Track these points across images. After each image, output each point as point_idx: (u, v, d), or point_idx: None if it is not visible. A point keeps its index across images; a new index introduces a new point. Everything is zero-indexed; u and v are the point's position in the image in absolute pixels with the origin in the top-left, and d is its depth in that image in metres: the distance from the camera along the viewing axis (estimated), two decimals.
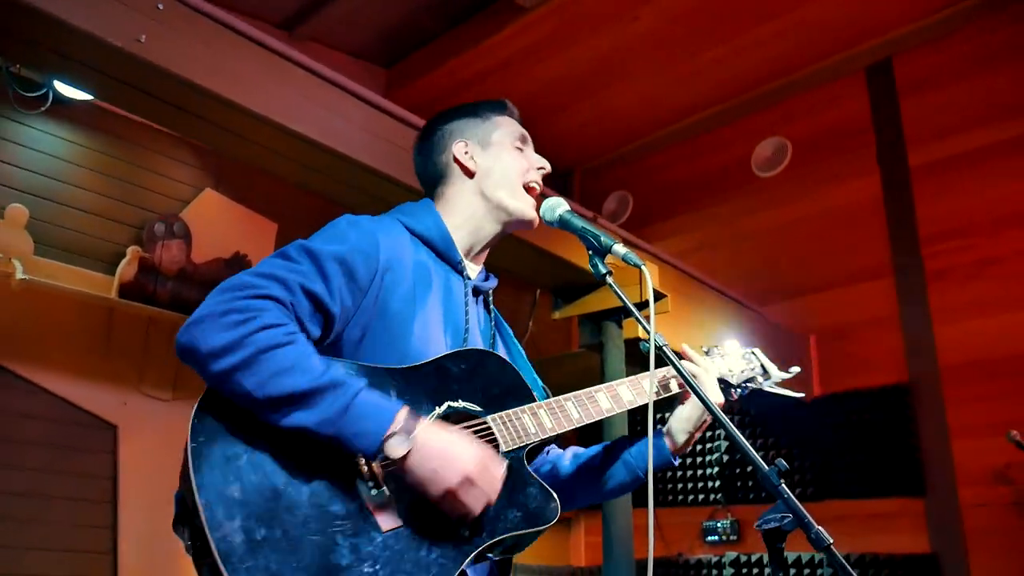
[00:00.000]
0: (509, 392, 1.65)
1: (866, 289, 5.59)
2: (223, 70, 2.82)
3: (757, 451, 5.81)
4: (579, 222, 1.90)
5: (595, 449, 1.89)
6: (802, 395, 1.99)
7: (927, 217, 5.41)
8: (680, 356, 1.78)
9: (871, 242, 5.63)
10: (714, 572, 5.79)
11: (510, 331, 1.97)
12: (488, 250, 1.92)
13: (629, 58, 5.99)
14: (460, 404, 1.57)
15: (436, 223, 1.78)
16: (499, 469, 1.43)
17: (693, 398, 1.77)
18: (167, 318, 4.73)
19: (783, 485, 1.62)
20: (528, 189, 1.91)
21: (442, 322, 1.69)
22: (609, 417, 1.81)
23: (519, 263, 4.10)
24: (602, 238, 1.85)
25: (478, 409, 1.59)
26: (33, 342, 4.32)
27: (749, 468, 5.85)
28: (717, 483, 5.99)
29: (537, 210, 1.89)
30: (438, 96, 6.04)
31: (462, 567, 1.39)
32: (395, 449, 1.33)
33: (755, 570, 5.58)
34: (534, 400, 1.68)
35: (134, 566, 4.44)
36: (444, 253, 1.77)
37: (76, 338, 4.48)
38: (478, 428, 1.55)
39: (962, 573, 4.80)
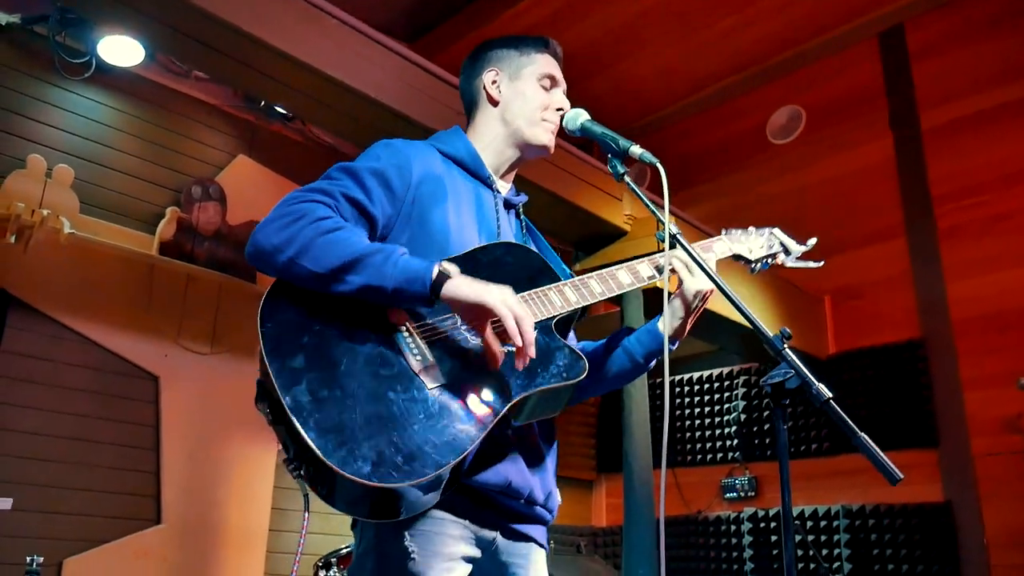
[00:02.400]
0: (537, 275, 1.80)
1: (879, 249, 5.73)
2: (268, 19, 3.02)
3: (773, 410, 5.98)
4: (599, 128, 2.03)
5: (601, 341, 2.03)
6: (821, 263, 2.14)
7: (939, 177, 5.54)
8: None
9: (884, 203, 5.77)
10: (733, 528, 5.95)
11: (544, 240, 2.10)
12: (514, 171, 2.06)
13: (644, 29, 6.15)
14: None
15: (464, 144, 1.95)
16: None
17: (681, 291, 1.89)
18: (205, 276, 4.96)
19: (786, 348, 1.77)
20: (545, 121, 2.03)
21: (476, 228, 1.85)
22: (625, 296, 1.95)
23: (541, 215, 4.27)
24: (620, 141, 1.98)
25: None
26: (79, 295, 4.55)
27: (766, 426, 6.00)
28: (735, 441, 6.14)
29: (560, 130, 2.01)
30: (457, 71, 6.22)
31: (500, 416, 1.55)
32: (449, 270, 1.52)
33: (773, 524, 5.73)
34: (560, 281, 1.82)
35: (177, 510, 4.67)
36: (473, 170, 1.93)
37: (119, 292, 4.71)
38: None
39: (975, 520, 4.92)
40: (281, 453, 1.55)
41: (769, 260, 2.13)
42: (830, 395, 1.74)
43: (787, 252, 2.14)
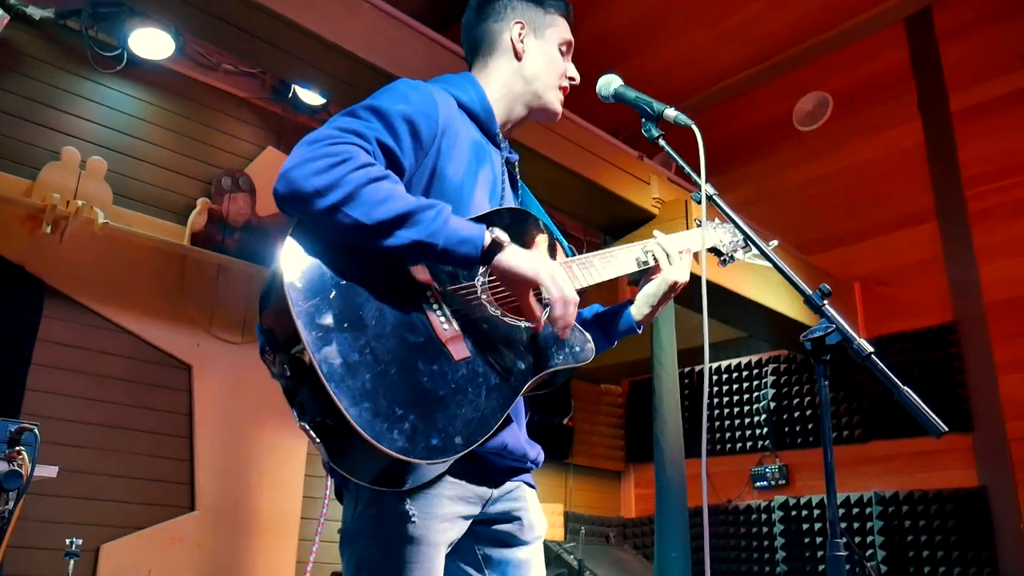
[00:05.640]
0: (548, 250, 1.77)
1: (909, 234, 5.68)
2: (300, 1, 3.05)
3: (803, 397, 5.95)
4: (632, 92, 2.03)
5: (601, 312, 2.01)
6: (770, 265, 2.15)
7: (969, 160, 5.49)
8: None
9: (913, 188, 5.72)
10: (764, 516, 5.91)
11: (534, 199, 2.07)
12: (512, 129, 2.02)
13: (669, 17, 6.15)
14: None
15: (480, 96, 1.89)
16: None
17: (657, 278, 1.88)
18: (235, 266, 5.00)
19: (827, 305, 1.77)
20: (560, 89, 2.02)
21: (485, 188, 1.81)
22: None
23: (569, 198, 4.28)
24: (654, 104, 1.98)
25: None
26: (114, 285, 4.61)
27: (796, 413, 5.96)
28: (764, 430, 6.10)
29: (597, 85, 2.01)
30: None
31: (523, 391, 1.57)
32: (501, 239, 1.50)
33: (804, 512, 5.69)
34: (566, 256, 1.81)
35: (210, 497, 4.71)
36: (485, 125, 1.87)
37: (153, 282, 4.77)
38: None
39: (1011, 505, 4.86)
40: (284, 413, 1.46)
41: (734, 255, 2.14)
42: (871, 350, 1.72)
43: (747, 249, 2.14)
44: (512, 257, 1.50)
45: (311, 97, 5.40)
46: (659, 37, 6.34)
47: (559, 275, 1.53)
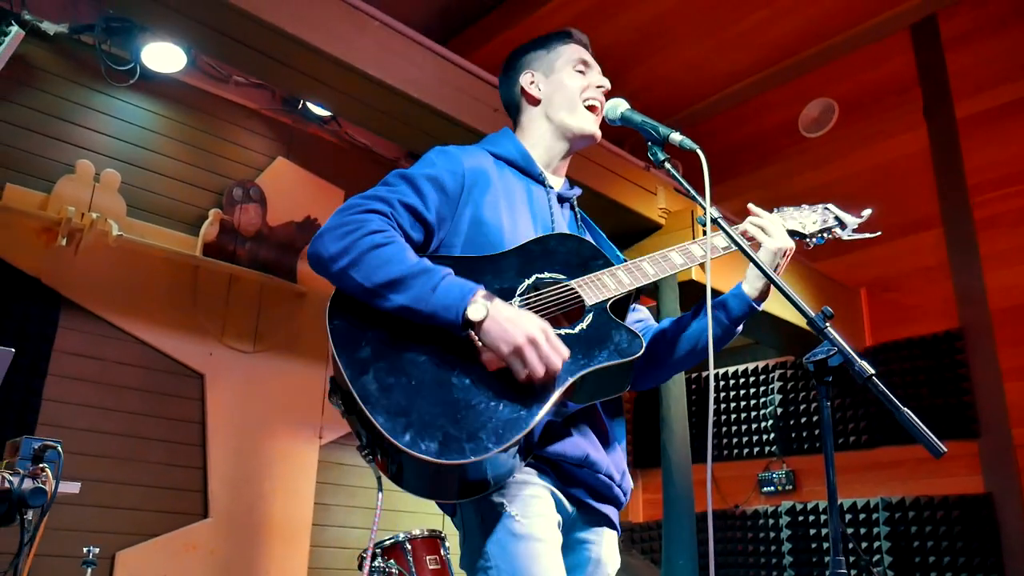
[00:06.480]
0: (588, 261, 1.85)
1: (915, 241, 5.71)
2: (309, 19, 3.11)
3: (809, 403, 5.98)
4: (639, 116, 2.07)
5: (686, 314, 2.02)
6: (879, 233, 2.15)
7: (975, 167, 5.51)
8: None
9: (919, 194, 5.75)
10: (771, 522, 5.94)
11: (598, 230, 2.15)
12: (566, 163, 2.12)
13: (674, 25, 6.18)
14: (547, 275, 1.79)
15: (514, 144, 2.02)
16: (561, 343, 1.61)
17: (762, 251, 1.92)
18: (247, 276, 5.07)
19: (829, 327, 1.80)
20: (589, 108, 2.08)
21: (531, 223, 1.91)
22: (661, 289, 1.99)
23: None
24: (660, 129, 2.02)
25: (563, 276, 1.80)
26: (128, 296, 4.69)
27: (803, 419, 5.99)
28: (772, 435, 6.14)
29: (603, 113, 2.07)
30: (491, 70, 6.29)
31: (558, 394, 1.60)
32: (475, 313, 1.55)
33: (811, 517, 5.72)
34: (613, 266, 1.87)
35: (223, 505, 4.77)
36: (525, 168, 1.99)
37: (166, 293, 4.84)
38: (563, 289, 1.77)
39: (1017, 511, 4.89)
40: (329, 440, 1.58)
41: (825, 235, 2.13)
42: (872, 372, 1.74)
43: (843, 226, 2.15)
44: (485, 335, 1.56)
45: (321, 108, 5.47)
46: (665, 45, 6.38)
47: (540, 344, 1.55)
